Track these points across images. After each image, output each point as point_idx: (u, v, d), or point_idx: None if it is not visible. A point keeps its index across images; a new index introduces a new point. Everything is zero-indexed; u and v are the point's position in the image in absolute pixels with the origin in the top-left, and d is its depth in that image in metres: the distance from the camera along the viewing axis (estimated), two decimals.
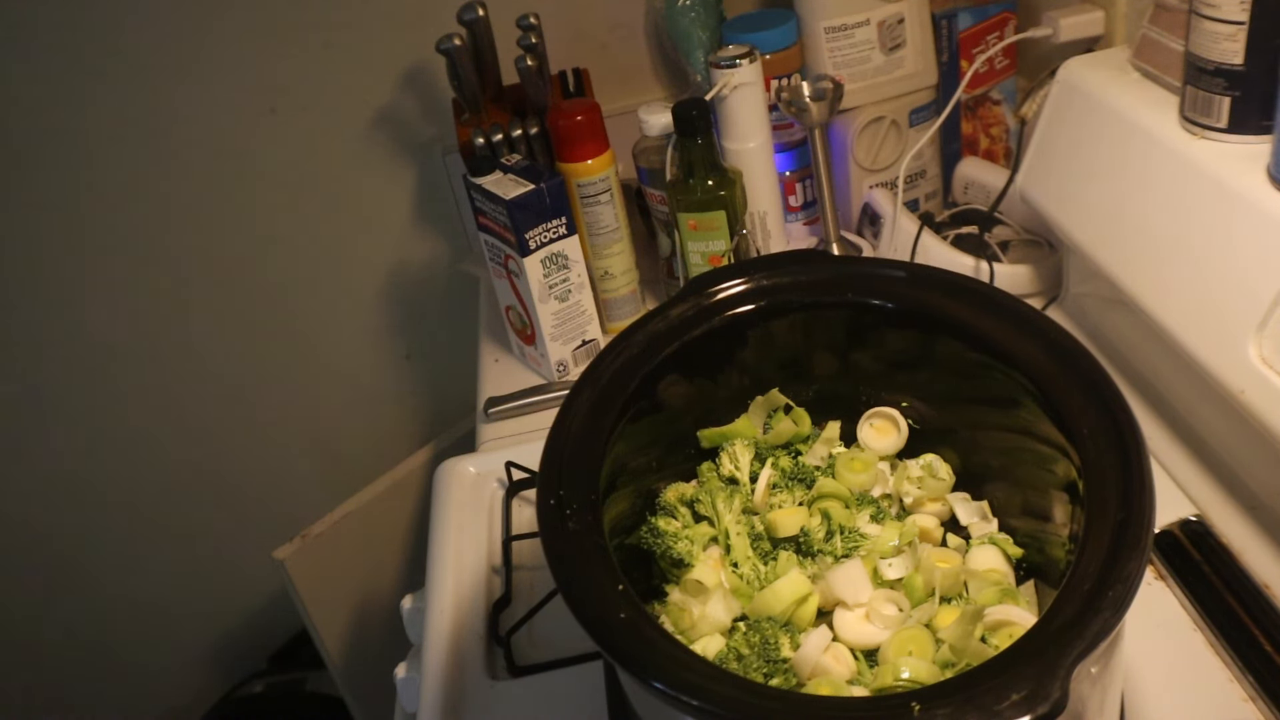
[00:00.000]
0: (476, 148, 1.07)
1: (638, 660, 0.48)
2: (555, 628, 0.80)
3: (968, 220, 1.12)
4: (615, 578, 0.52)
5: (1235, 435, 0.77)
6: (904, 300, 0.66)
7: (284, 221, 1.32)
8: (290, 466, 1.48)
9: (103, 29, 1.17)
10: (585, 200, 1.06)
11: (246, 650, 1.58)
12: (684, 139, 1.00)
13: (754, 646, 0.58)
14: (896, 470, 0.70)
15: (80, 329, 1.32)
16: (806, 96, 1.03)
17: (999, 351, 0.61)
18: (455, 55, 1.06)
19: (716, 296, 0.67)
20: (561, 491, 0.56)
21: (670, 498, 0.68)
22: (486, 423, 1.06)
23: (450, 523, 0.93)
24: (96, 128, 1.21)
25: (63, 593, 1.49)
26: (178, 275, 1.31)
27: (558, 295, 1.04)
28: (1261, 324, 0.67)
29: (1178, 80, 0.79)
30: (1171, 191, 0.77)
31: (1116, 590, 0.47)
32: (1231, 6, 0.71)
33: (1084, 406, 0.56)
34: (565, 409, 0.61)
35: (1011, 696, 0.43)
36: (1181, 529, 0.78)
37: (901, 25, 1.09)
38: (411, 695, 0.86)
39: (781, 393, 0.71)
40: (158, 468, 1.43)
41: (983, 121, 1.18)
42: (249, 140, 1.26)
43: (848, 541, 0.65)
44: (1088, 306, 0.98)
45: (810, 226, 1.20)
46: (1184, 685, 0.68)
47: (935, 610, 0.59)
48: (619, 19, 1.26)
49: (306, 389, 1.43)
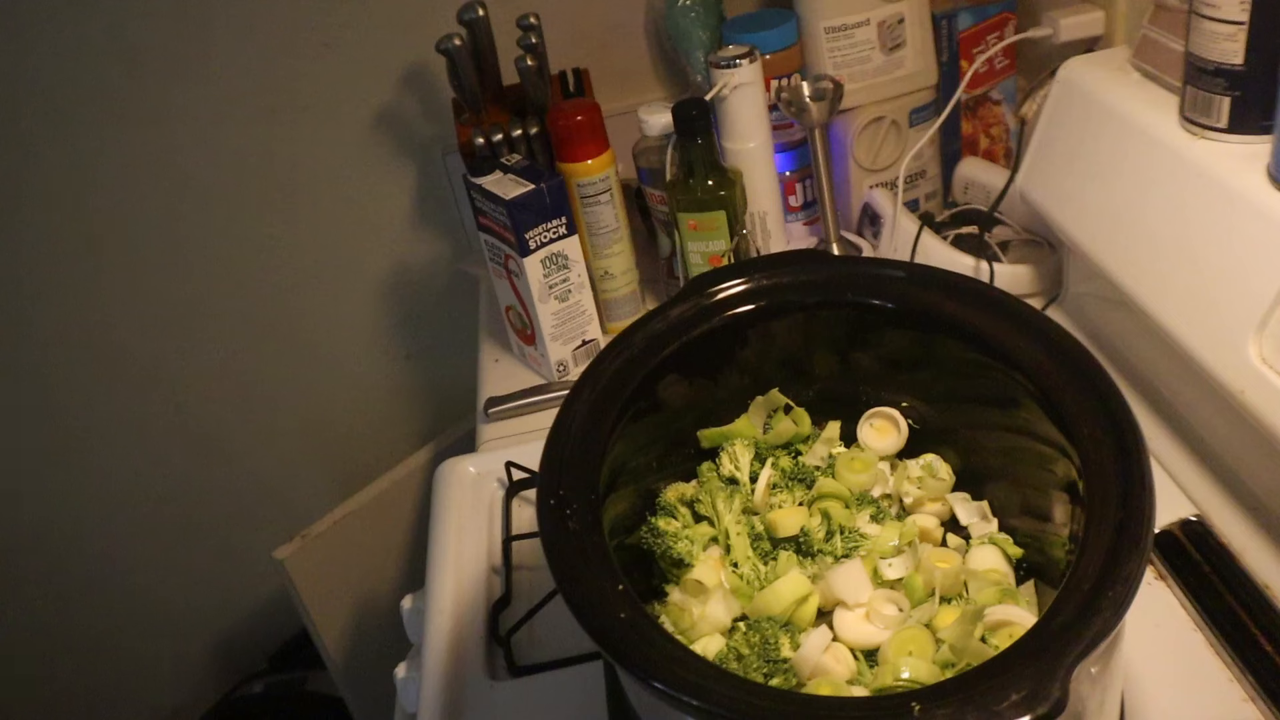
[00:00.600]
0: (476, 148, 1.07)
1: (638, 660, 0.48)
2: (555, 628, 0.80)
3: (968, 220, 1.12)
4: (615, 578, 0.52)
5: (1235, 435, 0.77)
6: (904, 300, 0.66)
7: (284, 221, 1.32)
8: (290, 466, 1.48)
9: (103, 30, 1.17)
10: (585, 200, 1.05)
11: (246, 650, 1.58)
12: (684, 139, 1.00)
13: (754, 646, 0.58)
14: (896, 470, 0.70)
15: (80, 328, 1.32)
16: (806, 96, 1.03)
17: (999, 351, 0.61)
18: (455, 55, 1.06)
19: (716, 296, 0.67)
20: (561, 491, 0.56)
21: (670, 498, 0.68)
22: (486, 423, 1.06)
23: (450, 523, 0.93)
24: (96, 128, 1.21)
25: (63, 592, 1.49)
26: (177, 275, 1.31)
27: (558, 295, 1.04)
28: (1261, 324, 0.67)
29: (1178, 80, 0.79)
30: (1171, 191, 0.77)
31: (1116, 590, 0.47)
32: (1231, 6, 0.71)
33: (1084, 406, 0.56)
34: (565, 409, 0.61)
35: (1011, 696, 0.43)
36: (1181, 529, 0.78)
37: (901, 25, 1.09)
38: (411, 695, 0.86)
39: (781, 393, 0.71)
40: (158, 467, 1.43)
41: (983, 121, 1.18)
42: (249, 140, 1.26)
43: (848, 541, 0.65)
44: (1088, 306, 0.98)
45: (810, 226, 1.20)
46: (1184, 685, 0.68)
47: (935, 610, 0.59)
48: (619, 19, 1.26)
49: (307, 389, 1.43)
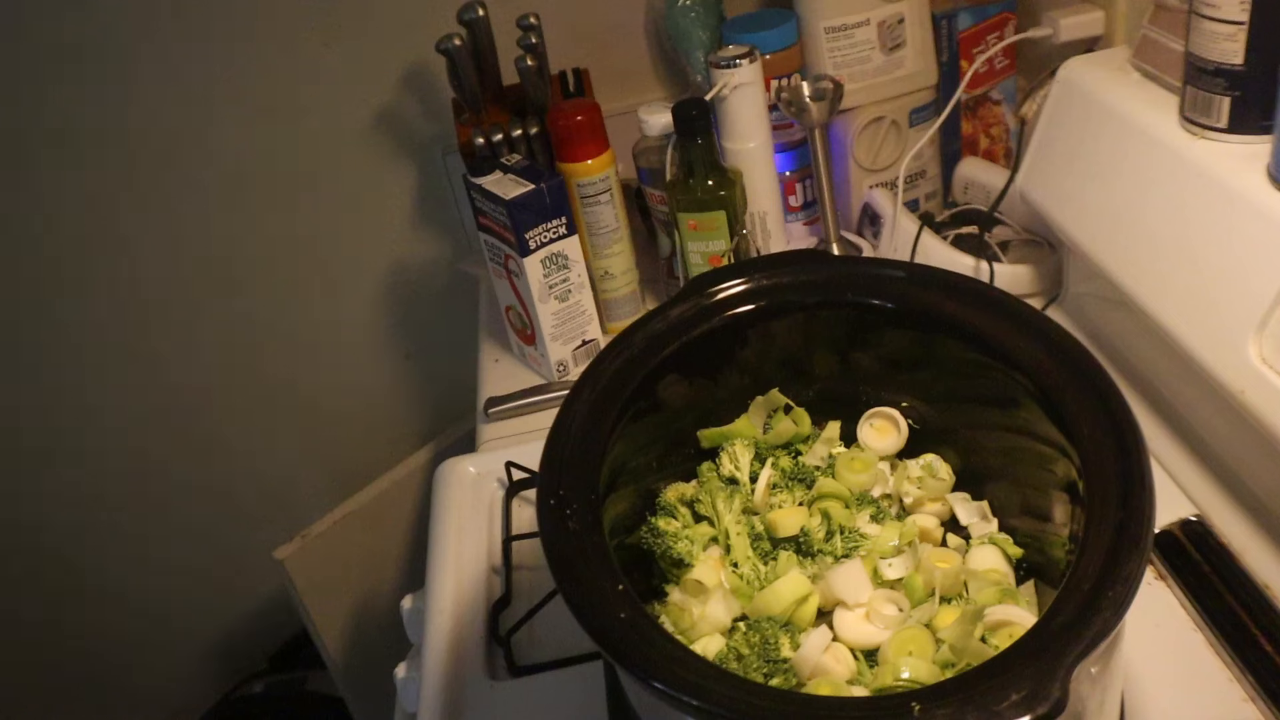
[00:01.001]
0: (476, 148, 1.07)
1: (638, 660, 0.48)
2: (555, 628, 0.80)
3: (968, 220, 1.12)
4: (615, 578, 0.52)
5: (1235, 435, 0.77)
6: (904, 300, 0.66)
7: (284, 221, 1.32)
8: (290, 466, 1.48)
9: (103, 30, 1.17)
10: (585, 200, 1.05)
11: (246, 650, 1.58)
12: (684, 139, 1.00)
13: (754, 646, 0.58)
14: (896, 470, 0.70)
15: (80, 328, 1.32)
16: (806, 96, 1.03)
17: (999, 351, 0.61)
18: (455, 55, 1.06)
19: (716, 296, 0.67)
20: (561, 491, 0.56)
21: (670, 498, 0.68)
22: (486, 423, 1.06)
23: (450, 523, 0.93)
24: (96, 128, 1.21)
25: (63, 593, 1.49)
26: (177, 274, 1.31)
27: (558, 295, 1.04)
28: (1261, 324, 0.67)
29: (1178, 80, 0.79)
30: (1171, 191, 0.77)
31: (1116, 590, 0.47)
32: (1231, 6, 0.71)
33: (1084, 406, 0.56)
34: (565, 409, 0.61)
35: (1011, 696, 0.43)
36: (1181, 529, 0.78)
37: (901, 25, 1.09)
38: (411, 695, 0.86)
39: (781, 393, 0.71)
40: (158, 467, 1.43)
41: (983, 121, 1.18)
42: (248, 140, 1.26)
43: (848, 541, 0.65)
44: (1088, 306, 0.98)
45: (810, 226, 1.20)
46: (1184, 685, 0.68)
47: (935, 610, 0.59)
48: (619, 19, 1.26)
49: (307, 389, 1.43)
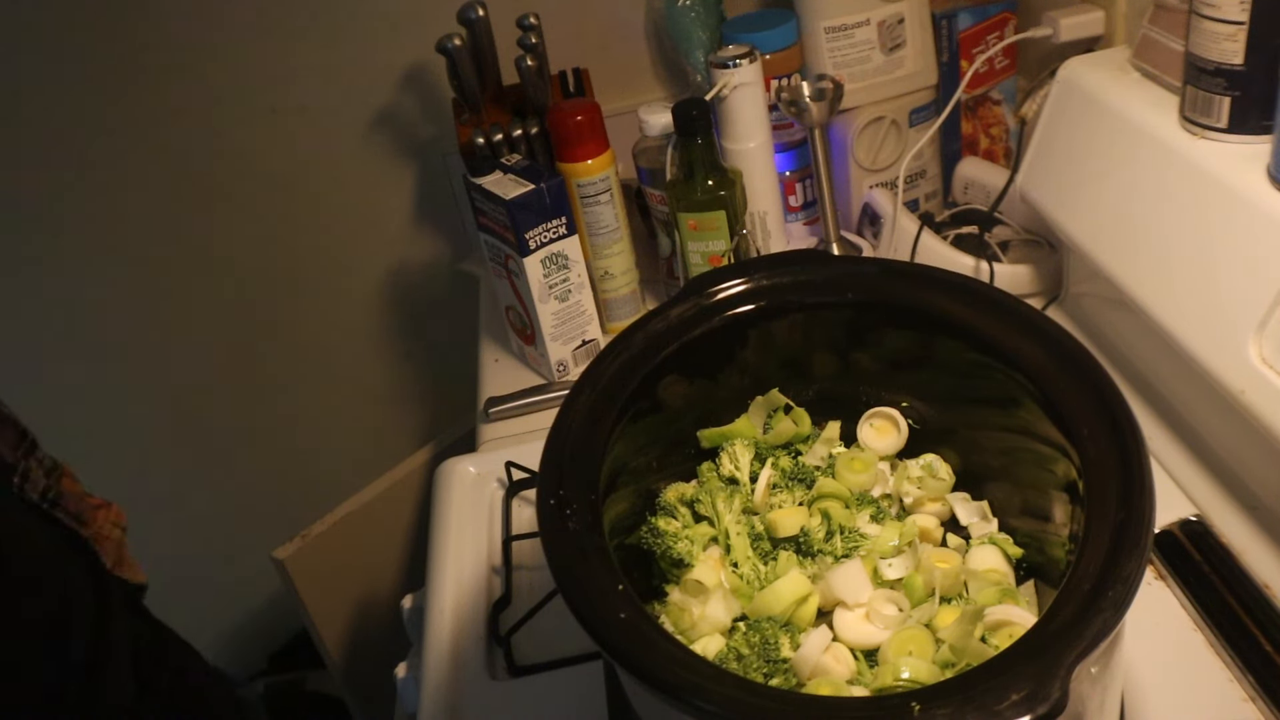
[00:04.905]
0: (476, 148, 1.07)
1: (638, 660, 0.48)
2: (555, 628, 0.80)
3: (968, 220, 1.12)
4: (615, 578, 0.52)
5: (1235, 435, 0.77)
6: (904, 300, 0.66)
7: (284, 221, 1.32)
8: (290, 466, 1.48)
9: (102, 31, 1.17)
10: (585, 200, 1.05)
11: (246, 650, 1.58)
12: (684, 139, 1.00)
13: (754, 646, 0.58)
14: (896, 470, 0.70)
15: (79, 327, 1.32)
16: (806, 96, 1.03)
17: (999, 351, 0.61)
18: (455, 55, 1.06)
19: (716, 296, 0.67)
20: (561, 491, 0.56)
21: (670, 498, 0.68)
22: (486, 423, 1.06)
23: (450, 523, 0.93)
24: (95, 127, 1.21)
25: None
26: (176, 274, 1.31)
27: (558, 295, 1.04)
28: (1261, 324, 0.67)
29: (1178, 80, 0.79)
30: (1171, 191, 0.77)
31: (1116, 590, 0.47)
32: (1231, 6, 0.71)
33: (1084, 406, 0.56)
34: (565, 409, 0.61)
35: (1011, 696, 0.43)
36: (1181, 529, 0.78)
37: (901, 25, 1.09)
38: (411, 695, 0.86)
39: (781, 393, 0.71)
40: (157, 467, 1.43)
41: (983, 121, 1.18)
42: (249, 140, 1.26)
43: (848, 541, 0.65)
44: (1088, 306, 0.98)
45: (810, 226, 1.20)
46: (1184, 685, 0.68)
47: (935, 610, 0.59)
48: (619, 19, 1.26)
49: (306, 388, 1.43)
